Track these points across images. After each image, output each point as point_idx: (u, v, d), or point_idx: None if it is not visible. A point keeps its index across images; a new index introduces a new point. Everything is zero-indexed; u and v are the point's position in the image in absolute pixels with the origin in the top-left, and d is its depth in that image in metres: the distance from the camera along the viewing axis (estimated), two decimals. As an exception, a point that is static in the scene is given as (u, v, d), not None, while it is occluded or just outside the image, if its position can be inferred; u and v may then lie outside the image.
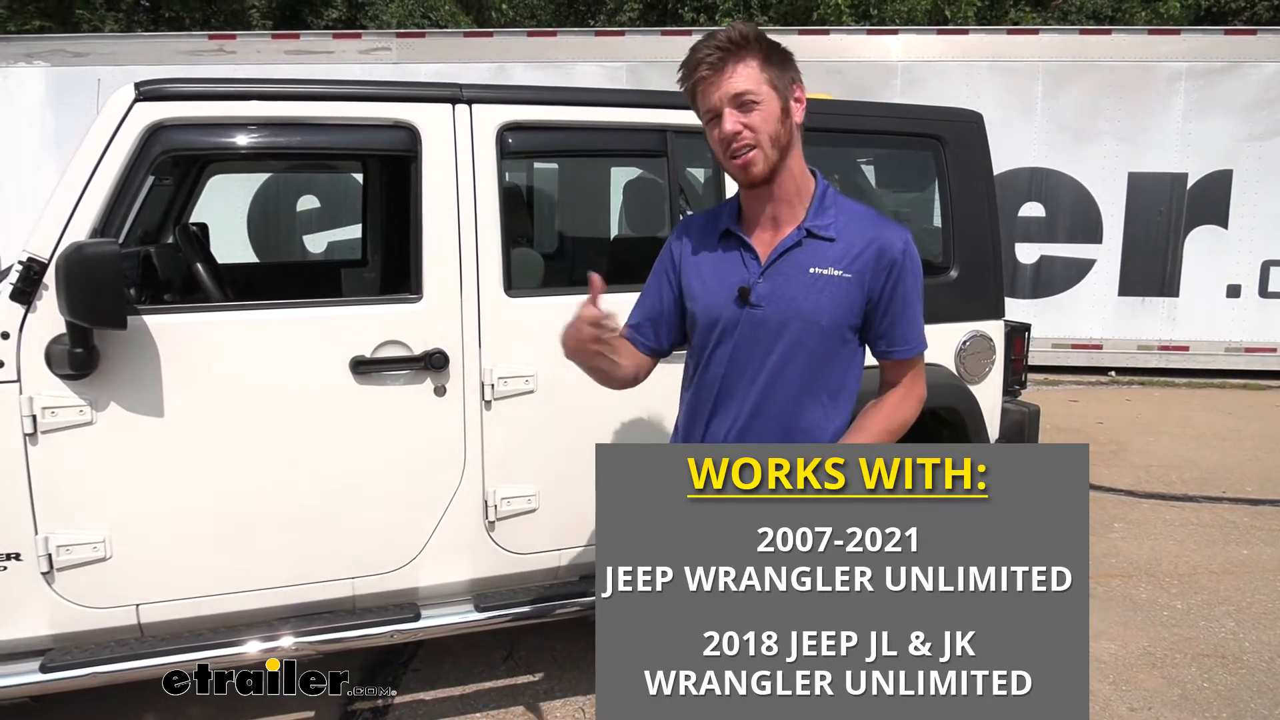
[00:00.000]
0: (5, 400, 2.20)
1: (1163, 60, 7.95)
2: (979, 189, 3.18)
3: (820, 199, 1.69)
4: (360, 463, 2.51)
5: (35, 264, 2.20)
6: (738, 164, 1.61)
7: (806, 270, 1.65)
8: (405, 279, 2.58)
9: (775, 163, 1.62)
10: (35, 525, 2.26)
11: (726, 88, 1.57)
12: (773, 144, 1.60)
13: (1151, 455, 5.97)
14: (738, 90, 1.57)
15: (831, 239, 1.66)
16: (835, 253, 1.65)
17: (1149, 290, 8.24)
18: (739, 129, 1.58)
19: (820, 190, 1.70)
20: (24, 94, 7.86)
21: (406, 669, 3.21)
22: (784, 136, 1.62)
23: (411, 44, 8.12)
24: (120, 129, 2.25)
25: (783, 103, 1.61)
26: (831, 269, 1.64)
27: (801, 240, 1.66)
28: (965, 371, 3.13)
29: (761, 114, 1.59)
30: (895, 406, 1.71)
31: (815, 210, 1.68)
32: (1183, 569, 4.16)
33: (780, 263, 1.66)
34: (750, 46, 1.58)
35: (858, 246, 1.64)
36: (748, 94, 1.57)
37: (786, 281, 1.65)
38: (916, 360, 1.73)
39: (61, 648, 2.34)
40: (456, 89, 2.55)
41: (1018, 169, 8.12)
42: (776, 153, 1.61)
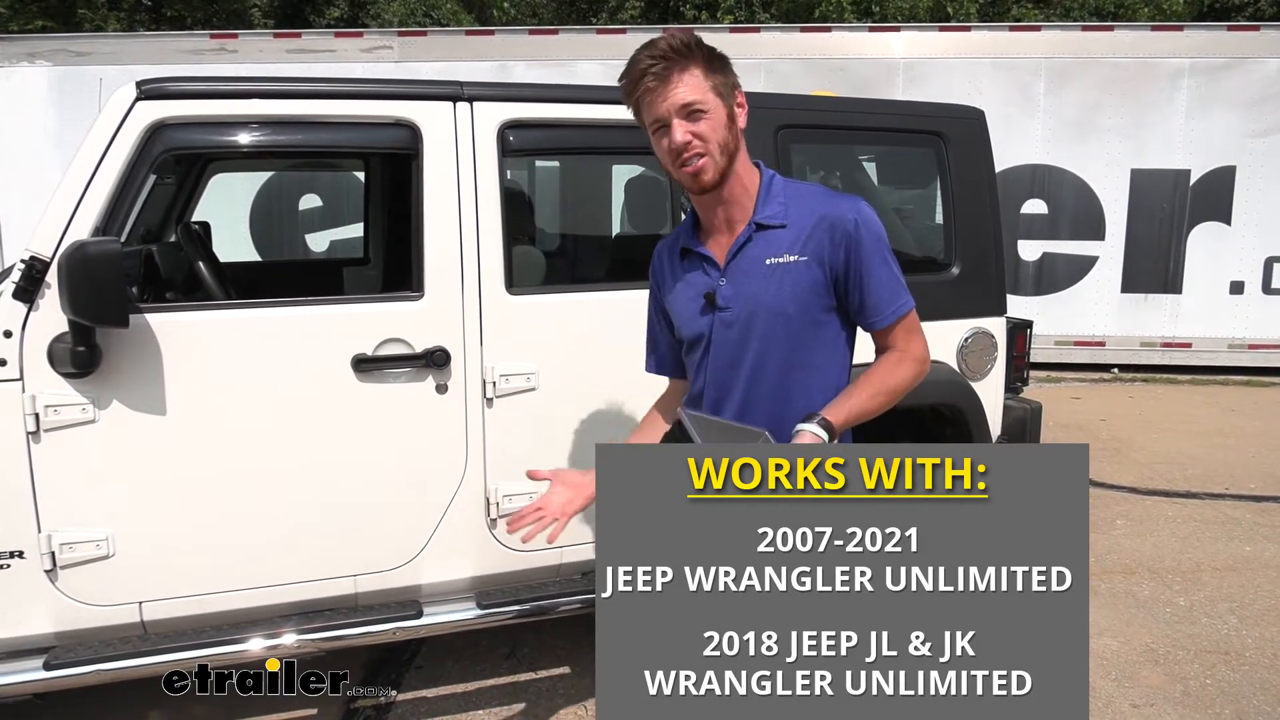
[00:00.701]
0: (8, 399, 2.20)
1: (1165, 56, 7.93)
2: (981, 186, 3.18)
3: (766, 190, 1.69)
4: (362, 460, 2.51)
5: (38, 263, 2.20)
6: (688, 171, 1.62)
7: (763, 263, 1.65)
8: (407, 277, 2.59)
9: (724, 168, 1.63)
10: (38, 523, 2.26)
11: (673, 98, 1.57)
12: (721, 151, 1.62)
13: (1154, 452, 5.96)
14: (685, 101, 1.57)
15: (782, 225, 1.66)
16: (788, 239, 1.65)
17: (1152, 287, 8.22)
18: (689, 139, 1.58)
19: (766, 181, 1.71)
20: (27, 93, 7.87)
21: (409, 666, 3.21)
22: (731, 143, 1.63)
23: (413, 42, 8.11)
24: (122, 128, 2.26)
25: (728, 109, 1.62)
26: (786, 255, 1.65)
27: (752, 235, 1.67)
28: (967, 368, 3.13)
29: (709, 122, 1.60)
30: (889, 370, 1.67)
31: (762, 202, 1.69)
32: (1185, 566, 4.16)
33: (737, 261, 1.68)
34: (693, 55, 1.59)
35: (808, 227, 1.64)
36: (695, 104, 1.58)
37: (747, 279, 1.66)
38: (901, 324, 1.69)
39: (65, 645, 2.35)
40: (458, 87, 2.56)
41: (1020, 166, 8.10)
42: (725, 159, 1.63)
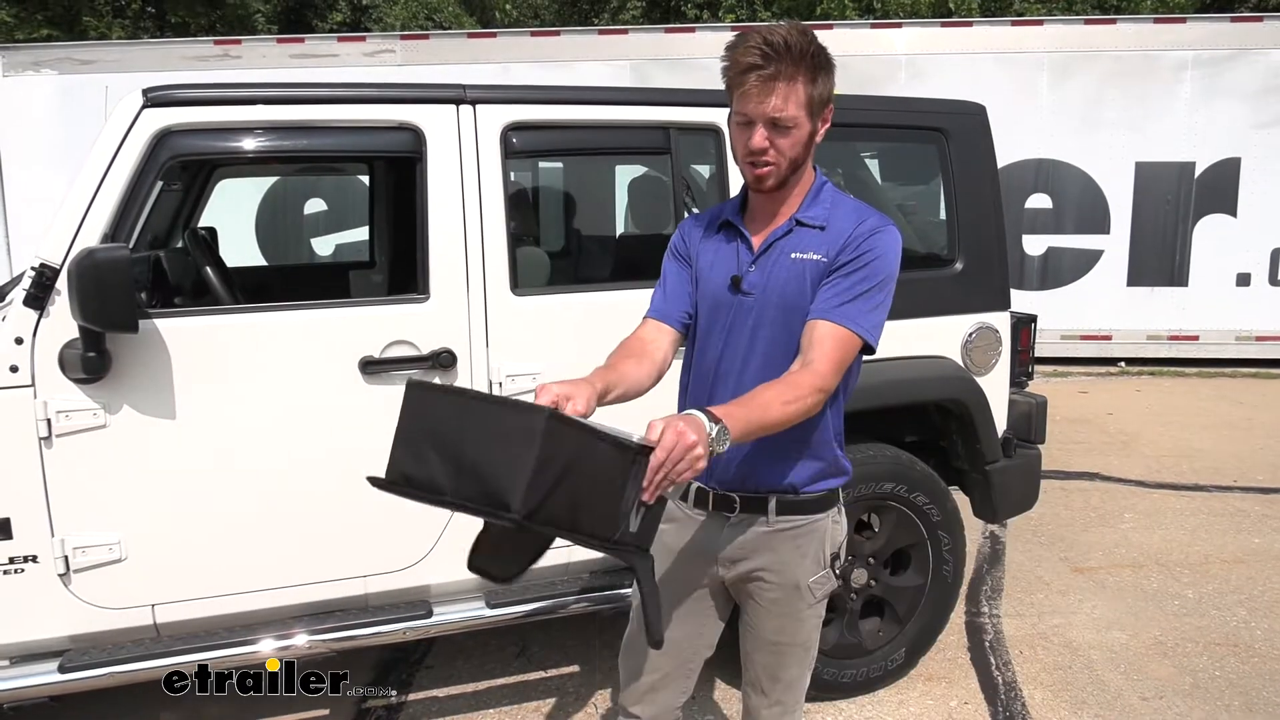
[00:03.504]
0: (20, 404, 2.23)
1: (1169, 49, 7.91)
2: (983, 181, 3.18)
3: (815, 193, 1.72)
4: (370, 462, 2.51)
5: (47, 270, 2.23)
6: (754, 173, 1.65)
7: (789, 256, 1.68)
8: (412, 280, 2.60)
9: (786, 177, 1.66)
10: (51, 527, 2.28)
11: (767, 108, 1.57)
12: (790, 165, 1.64)
13: (1162, 445, 5.95)
14: (778, 115, 1.58)
15: (820, 228, 1.69)
16: (819, 241, 1.68)
17: (1158, 280, 8.21)
18: (765, 146, 1.61)
19: (816, 185, 1.73)
20: (33, 102, 7.92)
21: (420, 666, 3.23)
22: (802, 156, 1.65)
23: (416, 46, 8.14)
24: (129, 135, 2.28)
25: (813, 128, 1.64)
26: (812, 254, 1.67)
27: (791, 229, 1.70)
28: (971, 363, 3.14)
29: (791, 139, 1.61)
30: (777, 391, 1.51)
31: (808, 203, 1.71)
32: (1194, 558, 4.15)
33: (770, 251, 1.71)
34: (802, 64, 1.57)
35: (842, 235, 1.66)
36: (785, 120, 1.59)
37: (774, 269, 1.69)
38: (826, 329, 1.59)
39: (79, 648, 2.37)
40: (460, 90, 2.57)
41: (1024, 161, 8.09)
42: (790, 170, 1.65)
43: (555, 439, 1.23)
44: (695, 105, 2.82)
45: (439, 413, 1.33)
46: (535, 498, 1.21)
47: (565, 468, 1.25)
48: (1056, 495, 4.96)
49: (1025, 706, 2.98)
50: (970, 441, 3.13)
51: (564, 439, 1.25)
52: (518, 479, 1.20)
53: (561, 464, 1.24)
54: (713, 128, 2.83)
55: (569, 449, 1.25)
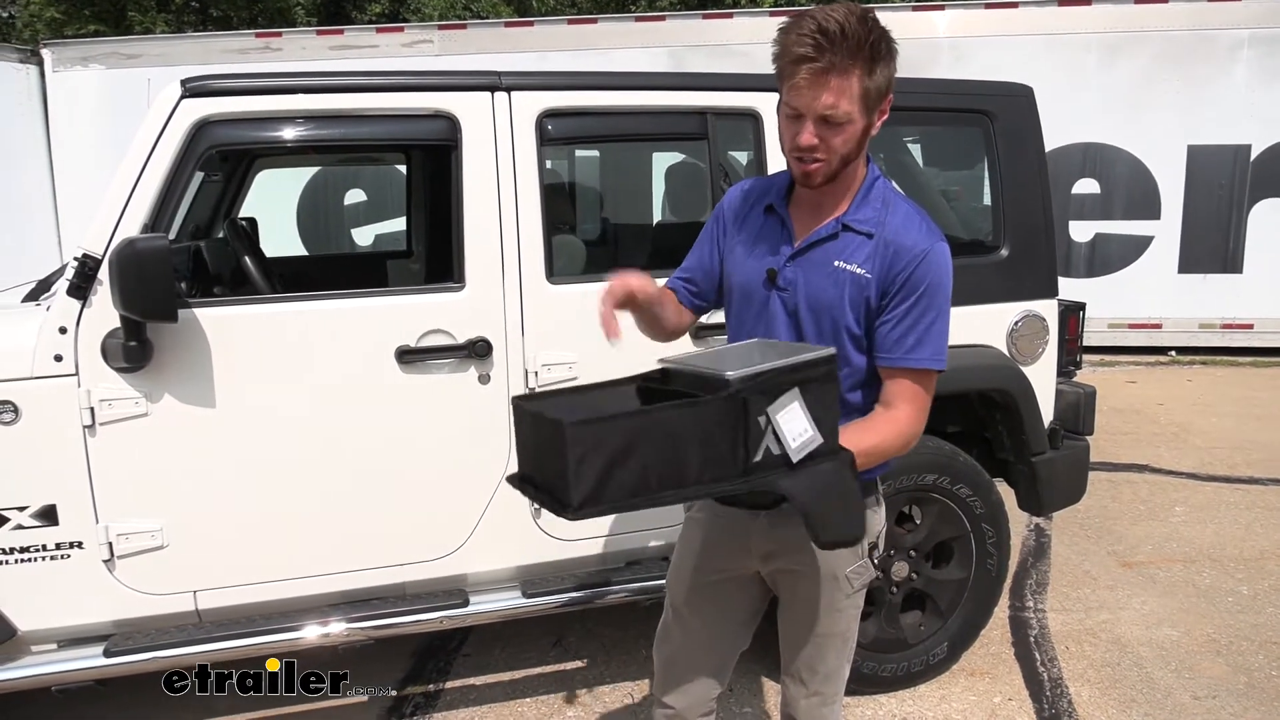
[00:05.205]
0: (65, 393, 2.26)
1: (1223, 28, 7.65)
2: (1030, 165, 3.09)
3: (866, 191, 1.63)
4: (407, 451, 2.53)
5: (90, 260, 2.25)
6: (801, 169, 1.56)
7: (832, 262, 1.60)
8: (448, 269, 2.59)
9: (835, 173, 1.57)
10: (96, 515, 2.32)
11: (819, 104, 1.47)
12: (841, 161, 1.55)
13: (1215, 437, 5.78)
14: (829, 112, 1.47)
15: (868, 235, 1.59)
16: (866, 250, 1.59)
17: (1210, 267, 7.97)
18: (814, 144, 1.51)
19: (868, 181, 1.64)
20: (82, 96, 8.08)
21: (457, 654, 3.25)
22: (854, 152, 1.55)
23: (453, 36, 8.15)
24: (168, 126, 2.29)
25: (867, 122, 1.53)
26: (855, 265, 1.59)
27: (837, 233, 1.61)
28: (1017, 352, 3.06)
29: (844, 136, 1.51)
30: (862, 429, 1.56)
31: (858, 203, 1.62)
32: (1249, 553, 4.03)
33: (810, 252, 1.63)
34: (860, 56, 1.45)
35: (884, 246, 1.58)
36: (838, 116, 1.48)
37: (814, 269, 1.62)
38: (902, 376, 1.58)
39: (123, 633, 2.41)
40: (495, 77, 2.55)
41: (1071, 145, 7.89)
42: (840, 165, 1.56)
43: (583, 437, 1.30)
44: (733, 90, 2.77)
45: (520, 425, 1.49)
46: (584, 489, 1.30)
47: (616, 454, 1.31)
48: (1104, 487, 4.84)
49: (1071, 704, 2.91)
50: (1015, 432, 3.05)
51: (606, 431, 1.31)
52: (565, 478, 1.31)
53: (608, 452, 1.31)
54: (751, 112, 2.78)
55: (614, 438, 1.31)
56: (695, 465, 1.36)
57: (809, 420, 1.39)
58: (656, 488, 1.35)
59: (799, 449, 1.39)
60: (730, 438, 1.37)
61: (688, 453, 1.35)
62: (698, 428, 1.35)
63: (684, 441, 1.35)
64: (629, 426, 1.32)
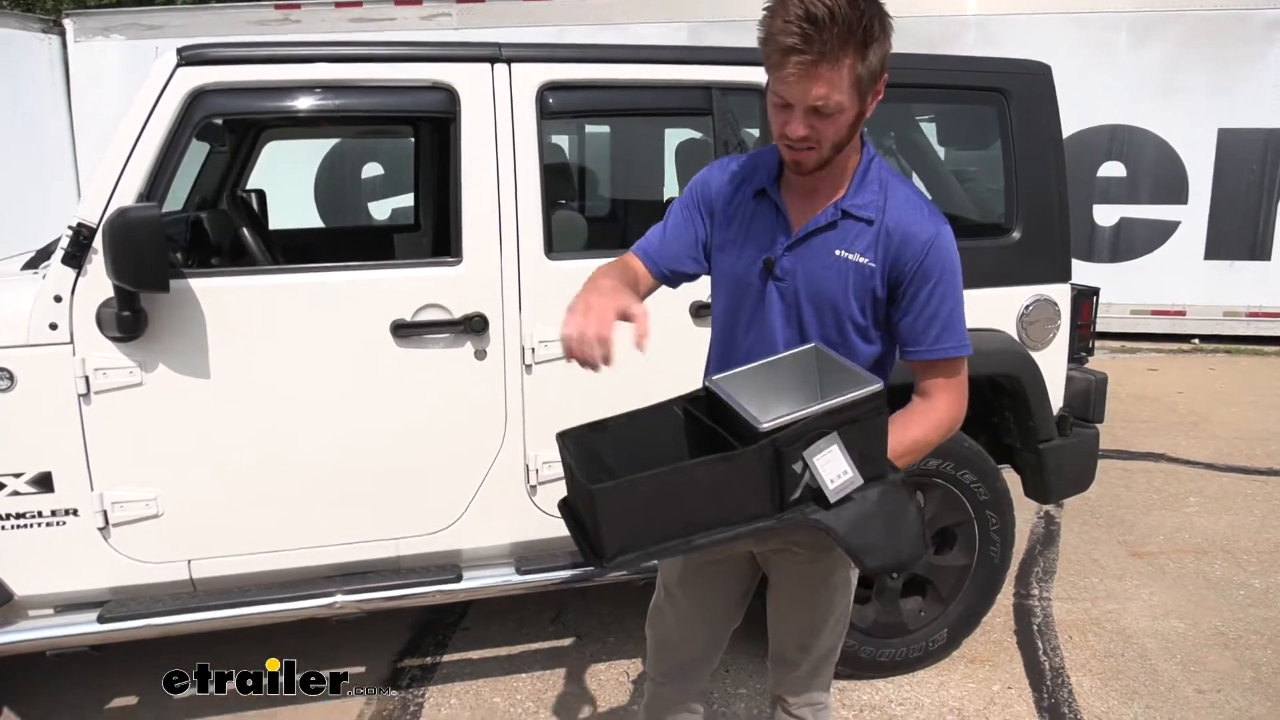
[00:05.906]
0: (60, 362, 2.27)
1: (1258, 7, 7.43)
2: (1045, 145, 3.01)
3: (862, 175, 1.56)
4: (402, 425, 2.52)
5: (84, 229, 2.25)
6: (791, 155, 1.50)
7: (832, 251, 1.55)
8: (448, 242, 2.57)
9: (827, 160, 1.50)
10: (91, 482, 2.33)
11: (808, 95, 1.38)
12: (833, 147, 1.48)
13: (1234, 426, 5.68)
14: (820, 102, 1.39)
15: (869, 220, 1.54)
16: (867, 237, 1.54)
17: (1238, 254, 7.79)
18: (805, 134, 1.44)
19: (864, 163, 1.57)
20: (104, 68, 8.10)
21: (456, 628, 3.26)
22: (846, 138, 1.48)
23: (471, 10, 8.08)
24: (163, 95, 2.28)
25: (860, 108, 1.45)
26: (857, 254, 1.53)
27: (835, 221, 1.55)
28: (1027, 337, 3.00)
29: (835, 124, 1.43)
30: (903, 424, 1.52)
31: (855, 187, 1.56)
32: (1262, 546, 3.95)
33: (809, 241, 1.57)
34: (851, 41, 1.35)
35: (886, 233, 1.52)
36: (828, 105, 1.40)
37: (813, 258, 1.56)
38: (937, 367, 1.56)
39: (118, 600, 2.43)
40: (495, 48, 2.51)
41: (1098, 127, 7.72)
42: (832, 152, 1.49)
43: (614, 498, 1.32)
44: (739, 64, 2.71)
45: (563, 459, 1.51)
46: (617, 543, 1.33)
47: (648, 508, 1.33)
48: (1117, 475, 4.77)
49: (1071, 694, 2.87)
50: (1023, 418, 3.00)
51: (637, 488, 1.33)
52: (599, 533, 1.34)
53: (640, 508, 1.33)
54: (758, 88, 2.72)
55: (646, 492, 1.33)
56: (730, 510, 1.36)
57: (848, 462, 1.36)
58: (689, 533, 1.35)
59: (836, 490, 1.36)
60: (766, 482, 1.36)
61: (722, 501, 1.35)
62: (731, 478, 1.35)
63: (718, 491, 1.35)
64: (661, 482, 1.33)
